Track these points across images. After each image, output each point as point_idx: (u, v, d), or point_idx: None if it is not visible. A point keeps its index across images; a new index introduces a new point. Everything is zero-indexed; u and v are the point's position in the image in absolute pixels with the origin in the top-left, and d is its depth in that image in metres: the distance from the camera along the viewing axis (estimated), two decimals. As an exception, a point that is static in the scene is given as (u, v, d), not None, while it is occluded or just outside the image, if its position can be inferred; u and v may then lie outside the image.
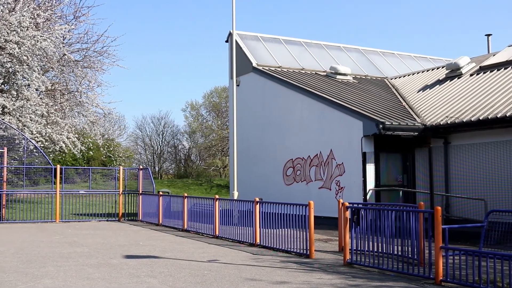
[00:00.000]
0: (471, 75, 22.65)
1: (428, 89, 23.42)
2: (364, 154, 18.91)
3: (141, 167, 25.57)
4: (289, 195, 22.02)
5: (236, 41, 25.49)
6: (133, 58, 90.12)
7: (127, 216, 24.50)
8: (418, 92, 23.78)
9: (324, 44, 30.23)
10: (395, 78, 28.13)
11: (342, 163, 20.02)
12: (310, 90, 22.19)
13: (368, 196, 18.69)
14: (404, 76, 27.87)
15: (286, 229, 13.74)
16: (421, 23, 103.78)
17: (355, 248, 11.57)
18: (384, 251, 11.01)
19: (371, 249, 11.25)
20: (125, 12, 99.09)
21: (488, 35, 29.36)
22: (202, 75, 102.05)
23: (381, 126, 18.05)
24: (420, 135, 18.87)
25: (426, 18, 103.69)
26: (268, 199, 19.05)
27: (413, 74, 27.41)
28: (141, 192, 24.11)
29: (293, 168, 22.74)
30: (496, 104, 17.91)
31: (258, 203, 14.95)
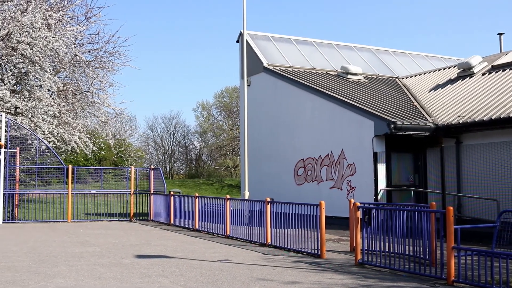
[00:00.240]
0: (483, 74, 22.53)
1: (440, 89, 23.32)
2: (375, 154, 18.85)
3: (152, 167, 25.63)
4: (300, 195, 22.00)
5: (247, 41, 25.48)
6: (144, 59, 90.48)
7: (139, 216, 24.57)
8: (429, 91, 23.68)
9: (335, 44, 30.18)
10: (406, 78, 28.02)
11: (353, 163, 19.97)
12: (321, 90, 22.15)
13: (379, 196, 18.64)
14: (415, 76, 27.76)
15: (297, 229, 13.72)
16: (432, 23, 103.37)
17: (366, 248, 11.53)
18: (396, 251, 10.97)
19: (382, 249, 11.21)
20: (136, 13, 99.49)
21: (500, 34, 29.18)
22: (213, 75, 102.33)
23: (392, 126, 17.99)
24: (432, 135, 18.79)
25: (437, 17, 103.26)
26: (279, 199, 19.06)
27: (424, 74, 27.29)
28: (152, 192, 24.17)
29: (304, 168, 22.71)
30: (508, 104, 17.80)
31: (269, 203, 14.94)
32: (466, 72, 23.42)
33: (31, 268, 10.99)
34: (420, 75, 27.51)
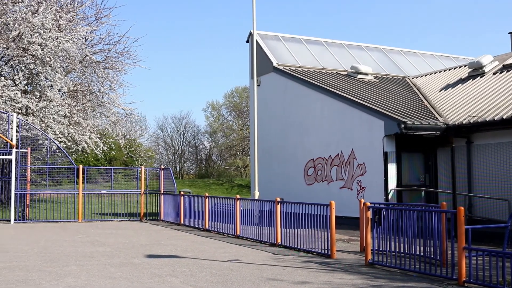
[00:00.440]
0: (494, 73, 22.40)
1: (450, 88, 23.21)
2: (385, 154, 18.80)
3: (162, 167, 25.70)
4: (310, 195, 21.97)
5: (256, 41, 25.50)
6: (154, 59, 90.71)
7: (149, 215, 24.63)
8: (440, 91, 23.58)
9: (345, 44, 30.11)
10: (416, 77, 27.92)
11: (364, 163, 19.93)
12: (331, 89, 22.11)
13: (389, 196, 18.58)
14: (426, 75, 27.65)
15: (307, 229, 13.71)
16: (443, 22, 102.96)
17: (376, 248, 11.50)
18: (406, 251, 10.93)
19: (393, 249, 11.18)
20: (146, 13, 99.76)
21: (511, 33, 28.99)
22: (223, 75, 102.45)
23: (402, 125, 17.93)
24: (442, 135, 18.71)
25: (448, 16, 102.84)
26: (289, 199, 19.03)
27: (435, 73, 27.18)
28: (162, 192, 24.23)
29: (314, 168, 22.68)
30: (520, 103, 17.69)
31: (279, 203, 14.94)
32: (477, 71, 23.29)
33: (43, 267, 11.05)
34: (430, 74, 27.40)
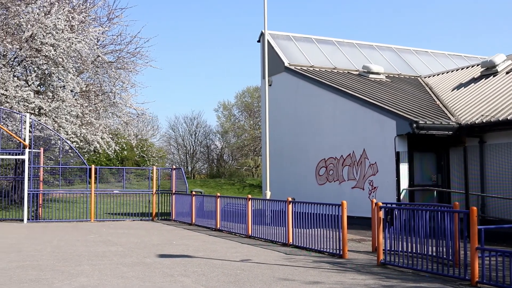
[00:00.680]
0: (507, 72, 22.24)
1: (463, 88, 23.09)
2: (397, 154, 18.73)
3: (174, 167, 25.75)
4: (321, 195, 21.93)
5: (268, 41, 25.48)
6: (166, 59, 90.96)
7: (161, 215, 24.70)
8: (452, 90, 23.45)
9: (357, 43, 30.04)
10: (428, 77, 27.79)
11: (375, 162, 19.87)
12: (343, 89, 22.07)
13: (401, 196, 18.51)
14: (438, 75, 27.52)
15: (319, 229, 13.69)
16: (455, 21, 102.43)
17: (388, 249, 11.47)
18: (418, 251, 10.89)
19: (405, 249, 11.14)
20: (158, 13, 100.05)
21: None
22: (234, 75, 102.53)
23: (414, 125, 17.85)
24: (455, 134, 18.61)
25: (461, 16, 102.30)
26: (300, 199, 19.01)
27: (447, 73, 27.04)
28: (174, 191, 24.28)
29: (326, 167, 22.64)
30: (533, 102, 17.56)
31: (291, 203, 14.93)
32: (489, 70, 23.15)
33: (55, 267, 11.11)
34: (442, 74, 27.26)
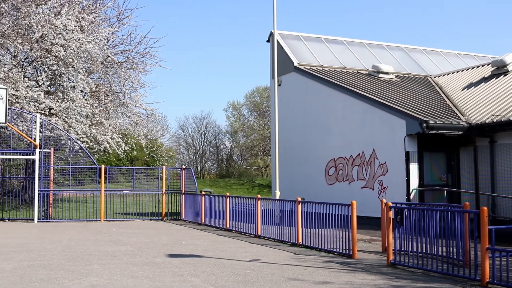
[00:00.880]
0: (518, 72, 22.13)
1: (473, 87, 22.98)
2: (407, 154, 18.67)
3: (183, 167, 25.79)
4: (331, 194, 21.90)
5: (277, 40, 25.47)
6: (175, 59, 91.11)
7: (170, 215, 24.74)
8: (462, 90, 23.35)
9: (366, 43, 29.96)
10: (438, 76, 27.68)
11: (385, 162, 19.81)
12: (352, 89, 22.02)
13: (411, 196, 18.45)
14: (448, 74, 27.40)
15: (328, 229, 13.67)
16: (466, 21, 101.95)
17: (398, 249, 11.43)
18: (428, 252, 10.85)
19: (415, 249, 11.10)
20: (167, 13, 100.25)
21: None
22: (243, 75, 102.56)
23: (424, 125, 17.79)
24: (465, 134, 18.53)
25: (471, 15, 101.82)
26: (310, 198, 19.00)
27: (457, 72, 26.92)
28: (183, 191, 24.32)
29: (335, 167, 22.61)
30: (544, 102, 17.45)
31: (300, 203, 14.92)
32: (500, 70, 23.03)
33: (66, 266, 11.16)
34: (453, 73, 27.14)
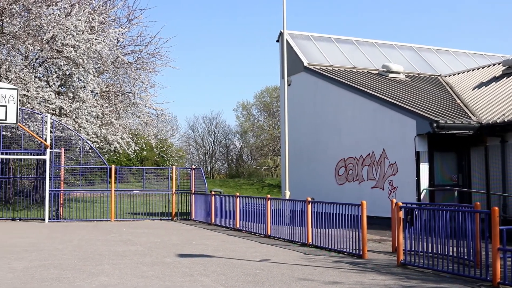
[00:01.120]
0: (529, 71, 22.00)
1: (484, 87, 22.86)
2: (417, 153, 18.60)
3: (193, 167, 25.83)
4: (341, 194, 21.86)
5: (287, 40, 25.43)
6: (185, 59, 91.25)
7: (180, 215, 24.79)
8: (473, 89, 23.24)
9: (376, 42, 29.88)
10: (449, 76, 27.57)
11: (395, 162, 19.75)
12: (362, 89, 21.97)
13: (422, 196, 18.38)
14: (458, 74, 27.28)
15: (338, 229, 13.65)
16: (477, 20, 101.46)
17: (408, 249, 11.40)
18: (439, 252, 10.81)
19: (425, 250, 11.06)
20: (177, 13, 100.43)
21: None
22: (253, 75, 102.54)
23: (435, 124, 17.72)
24: (476, 134, 18.44)
25: (482, 14, 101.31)
26: (320, 198, 18.97)
27: (468, 72, 26.79)
28: (193, 191, 24.35)
29: (345, 167, 22.56)
30: (556, 101, 17.33)
31: (310, 203, 14.90)
32: (511, 69, 22.90)
33: (76, 266, 11.21)
34: (463, 73, 27.02)
